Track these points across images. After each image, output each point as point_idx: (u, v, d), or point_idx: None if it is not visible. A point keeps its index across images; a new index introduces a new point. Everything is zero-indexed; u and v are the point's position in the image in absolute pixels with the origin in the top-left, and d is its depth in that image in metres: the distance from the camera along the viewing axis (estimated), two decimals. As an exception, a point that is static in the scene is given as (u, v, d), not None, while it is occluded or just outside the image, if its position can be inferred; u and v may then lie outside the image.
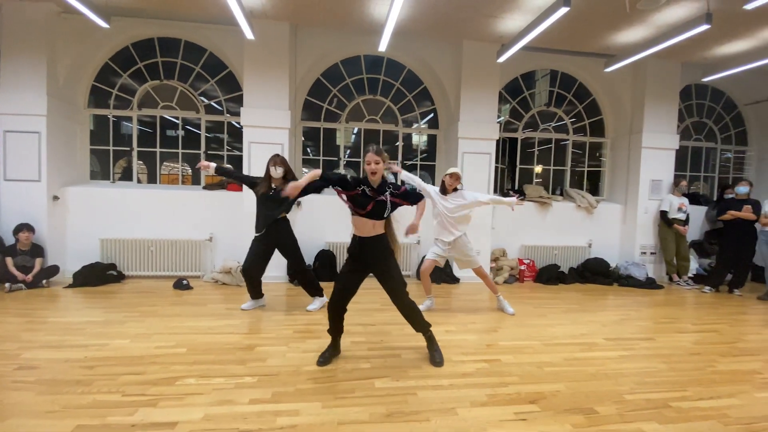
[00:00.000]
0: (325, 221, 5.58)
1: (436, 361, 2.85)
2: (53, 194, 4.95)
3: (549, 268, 5.87)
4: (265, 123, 5.11)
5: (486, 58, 5.45)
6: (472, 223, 5.54)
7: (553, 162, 6.57)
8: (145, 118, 5.89)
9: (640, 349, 3.30)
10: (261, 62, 5.05)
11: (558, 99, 6.47)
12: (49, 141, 4.84)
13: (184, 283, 4.81)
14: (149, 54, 5.51)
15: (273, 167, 3.79)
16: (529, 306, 4.53)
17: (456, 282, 5.51)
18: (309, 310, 4.03)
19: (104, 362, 2.72)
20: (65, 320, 3.56)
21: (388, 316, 3.94)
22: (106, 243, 5.12)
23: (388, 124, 6.15)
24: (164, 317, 3.69)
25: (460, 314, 4.09)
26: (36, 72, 4.75)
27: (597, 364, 2.96)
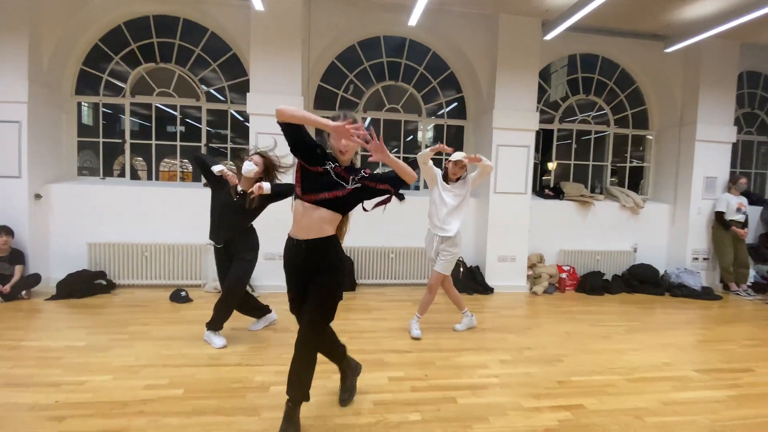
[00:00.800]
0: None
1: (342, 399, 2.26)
2: (35, 192, 4.32)
3: (592, 276, 5.23)
4: (273, 111, 4.44)
5: (526, 36, 4.78)
6: (506, 224, 4.96)
7: (593, 157, 5.91)
8: (141, 111, 5.27)
9: (746, 386, 2.66)
10: (270, 40, 4.40)
11: (598, 87, 5.80)
12: (31, 131, 4.21)
13: (182, 295, 4.19)
14: (143, 34, 4.87)
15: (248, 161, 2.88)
16: (583, 323, 3.89)
17: (490, 292, 4.88)
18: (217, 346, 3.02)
19: (78, 410, 2.10)
20: (41, 344, 2.94)
21: (427, 336, 3.31)
22: (94, 248, 4.50)
23: (410, 114, 5.50)
24: (157, 341, 3.06)
25: (509, 336, 3.46)
26: (16, 53, 4.11)
27: (708, 411, 2.33)
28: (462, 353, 3.03)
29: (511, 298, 4.71)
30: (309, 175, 1.93)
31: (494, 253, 4.98)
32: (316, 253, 1.93)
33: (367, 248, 4.95)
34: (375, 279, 5.01)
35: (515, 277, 5.02)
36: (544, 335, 3.52)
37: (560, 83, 5.84)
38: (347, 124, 1.79)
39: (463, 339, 3.33)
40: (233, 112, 5.14)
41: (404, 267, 5.04)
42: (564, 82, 5.78)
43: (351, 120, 1.85)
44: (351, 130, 1.78)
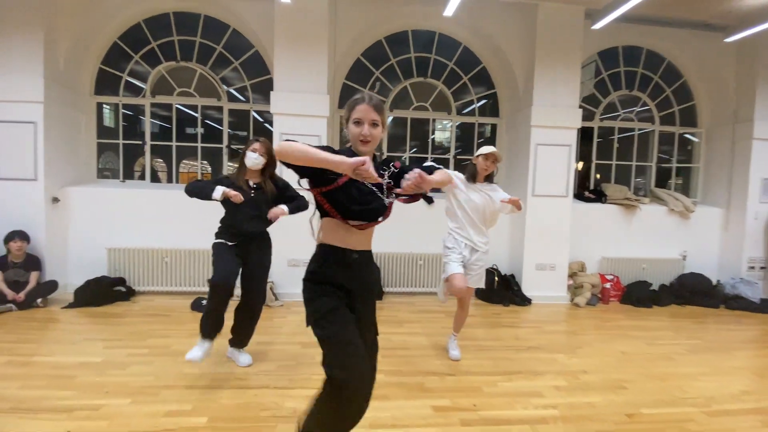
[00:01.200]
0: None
1: None
2: (52, 196, 4.19)
3: (639, 286, 4.82)
4: (299, 110, 4.22)
5: (568, 26, 4.42)
6: (545, 230, 4.60)
7: (636, 156, 5.49)
8: (161, 113, 5.12)
9: None
10: (295, 35, 4.16)
11: (642, 82, 5.38)
12: (48, 132, 4.07)
13: (203, 304, 3.96)
14: (164, 32, 4.70)
15: (251, 152, 2.64)
16: (639, 342, 3.51)
17: (527, 303, 4.53)
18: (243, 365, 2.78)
19: (91, 443, 1.88)
20: (54, 361, 2.75)
21: (467, 356, 3.00)
22: (113, 253, 4.33)
23: (439, 112, 5.20)
24: (178, 357, 2.82)
25: (558, 356, 3.11)
26: (30, 51, 3.97)
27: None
28: (510, 377, 2.71)
29: (551, 311, 4.35)
30: (338, 196, 1.48)
31: (532, 260, 4.63)
32: (361, 266, 1.59)
33: (394, 254, 4.67)
34: (402, 287, 4.72)
35: (555, 287, 4.66)
36: (598, 356, 3.17)
37: (588, 79, 5.41)
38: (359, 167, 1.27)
39: (509, 360, 3.01)
40: (254, 113, 4.93)
41: (434, 274, 4.74)
42: (591, 78, 5.37)
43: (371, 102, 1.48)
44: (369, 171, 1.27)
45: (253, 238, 2.74)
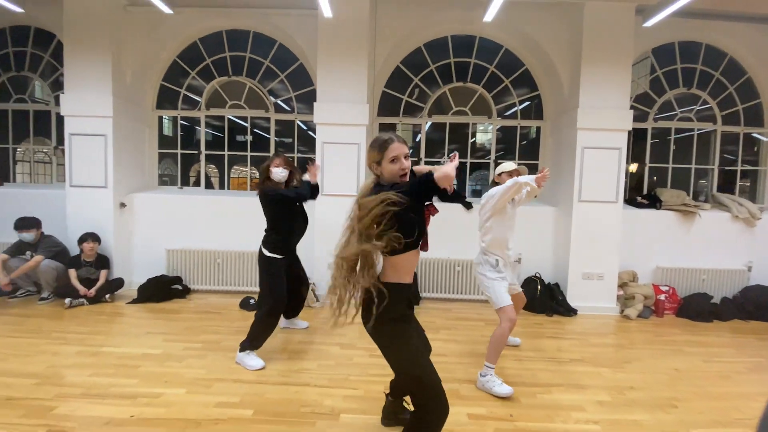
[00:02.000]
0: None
1: None
2: (120, 201, 4.62)
3: (697, 299, 4.48)
4: (340, 120, 4.37)
5: (617, 24, 4.23)
6: (592, 237, 4.40)
7: (695, 159, 5.12)
8: (214, 122, 5.48)
9: None
10: (337, 47, 4.31)
11: (701, 79, 5.03)
12: (116, 144, 4.51)
13: (251, 303, 4.21)
14: (217, 49, 5.05)
15: (276, 168, 2.99)
16: (694, 358, 3.28)
17: (573, 314, 4.35)
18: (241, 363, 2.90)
19: (152, 427, 2.07)
20: (120, 351, 3.04)
21: (505, 364, 2.96)
22: (172, 254, 4.70)
23: (479, 116, 5.15)
24: (228, 353, 3.02)
25: (603, 370, 2.98)
26: (101, 70, 4.42)
27: None
28: (551, 389, 2.64)
29: (598, 322, 4.16)
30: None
31: (578, 269, 4.45)
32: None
33: (432, 260, 4.67)
34: (440, 293, 4.71)
35: (603, 297, 4.45)
36: (648, 372, 3.00)
37: (641, 77, 5.12)
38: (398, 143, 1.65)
39: (550, 372, 2.93)
40: (299, 123, 5.15)
41: (472, 281, 4.68)
42: (646, 75, 5.07)
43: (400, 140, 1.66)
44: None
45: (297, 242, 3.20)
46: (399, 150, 1.62)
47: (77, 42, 4.41)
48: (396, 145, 1.62)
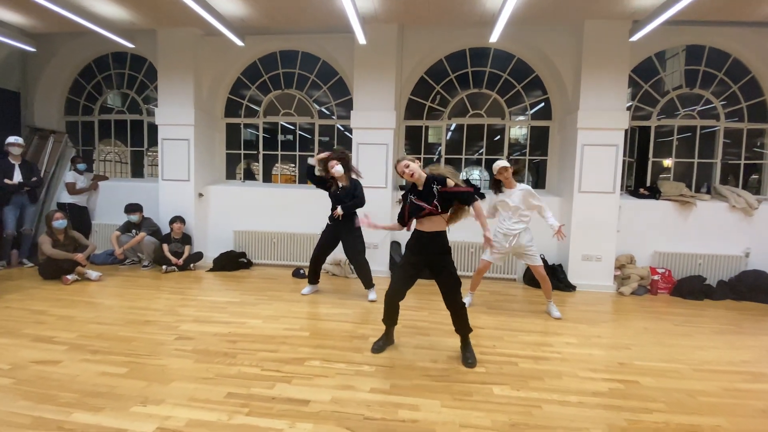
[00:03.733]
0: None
1: (468, 362, 2.76)
2: (199, 192, 5.81)
3: (691, 280, 4.99)
4: (372, 125, 5.30)
5: (613, 38, 4.84)
6: (591, 224, 5.04)
7: (698, 154, 5.57)
8: (265, 126, 6.57)
9: (836, 388, 2.59)
10: (370, 66, 5.24)
11: (705, 79, 5.46)
12: (196, 147, 5.69)
13: (301, 272, 5.24)
14: (272, 66, 6.11)
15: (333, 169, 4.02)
16: (666, 323, 3.91)
17: (572, 289, 5.02)
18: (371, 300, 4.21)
19: (244, 338, 3.09)
20: (210, 299, 4.14)
21: (499, 320, 3.76)
22: (238, 234, 5.85)
23: (493, 118, 5.88)
24: (288, 302, 4.05)
25: (580, 326, 3.70)
26: (186, 88, 5.61)
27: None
28: (530, 334, 3.42)
29: (594, 297, 4.80)
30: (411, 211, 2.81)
31: (578, 252, 5.11)
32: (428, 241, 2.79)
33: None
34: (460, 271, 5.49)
35: (600, 276, 5.08)
36: (620, 328, 3.68)
37: (675, 71, 5.60)
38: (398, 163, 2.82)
39: (533, 324, 3.69)
40: (339, 126, 6.12)
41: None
42: (681, 70, 5.53)
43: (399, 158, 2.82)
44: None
45: (342, 222, 4.11)
46: (400, 168, 2.76)
47: (167, 65, 5.62)
48: (398, 165, 2.77)
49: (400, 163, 2.73)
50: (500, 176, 3.86)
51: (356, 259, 4.22)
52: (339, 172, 4.04)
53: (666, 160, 5.83)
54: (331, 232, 4.22)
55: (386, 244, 5.42)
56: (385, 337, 3.01)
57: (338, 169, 4.03)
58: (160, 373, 2.51)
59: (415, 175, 2.70)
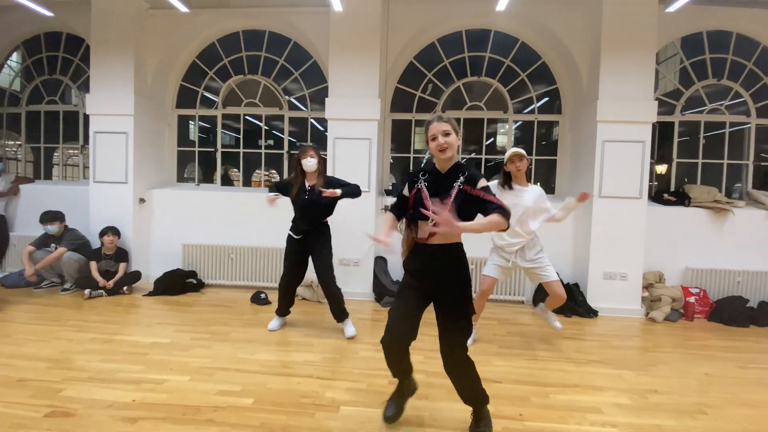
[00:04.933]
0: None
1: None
2: (139, 197, 4.74)
3: (731, 302, 4.18)
4: (352, 115, 4.35)
5: (638, 9, 4.05)
6: (615, 234, 4.19)
7: (727, 155, 4.82)
8: (234, 125, 5.56)
9: None
10: (348, 42, 4.31)
11: (733, 70, 4.74)
12: (137, 142, 4.63)
13: (261, 297, 4.22)
14: (234, 49, 5.14)
15: (305, 159, 3.11)
16: (728, 363, 3.04)
17: (593, 315, 4.14)
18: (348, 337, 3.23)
19: (152, 411, 2.07)
20: (131, 339, 3.08)
21: (519, 364, 2.83)
22: (188, 249, 4.78)
23: (494, 111, 5.03)
24: (235, 344, 3.03)
25: (625, 373, 2.79)
26: (124, 71, 4.56)
27: None
28: (565, 390, 2.49)
29: (621, 324, 3.94)
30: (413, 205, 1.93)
31: (598, 269, 4.24)
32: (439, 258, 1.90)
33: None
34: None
35: (626, 299, 4.22)
36: (675, 376, 2.79)
37: (673, 72, 4.89)
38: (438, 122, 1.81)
39: (565, 372, 2.77)
40: (312, 120, 5.17)
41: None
42: (676, 71, 4.83)
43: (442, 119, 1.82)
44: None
45: (311, 232, 3.17)
46: (435, 129, 1.78)
47: (102, 43, 4.57)
48: (433, 125, 1.79)
49: (435, 125, 1.79)
50: (512, 166, 2.95)
51: (328, 280, 3.23)
52: (311, 166, 3.10)
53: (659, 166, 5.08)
54: (297, 249, 3.25)
55: (369, 259, 4.45)
56: (397, 397, 2.06)
57: (311, 163, 3.09)
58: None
59: (448, 152, 1.77)
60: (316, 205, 3.14)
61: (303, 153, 3.13)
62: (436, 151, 1.79)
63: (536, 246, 3.05)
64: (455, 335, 1.83)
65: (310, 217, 3.18)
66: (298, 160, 3.16)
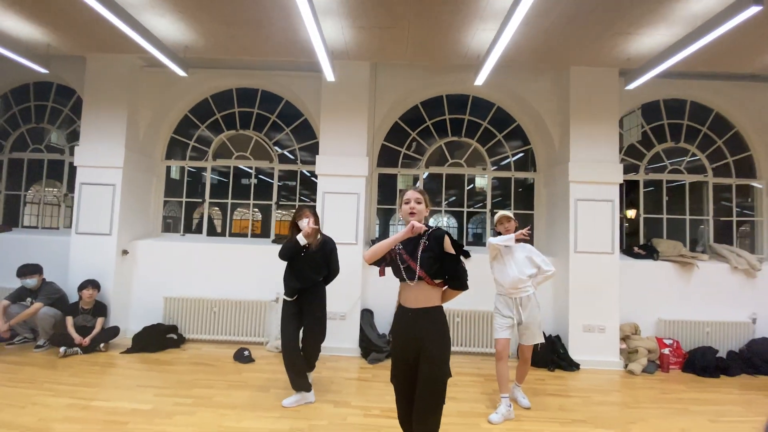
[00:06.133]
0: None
1: None
2: (123, 248, 4.69)
3: (704, 353, 4.37)
4: (341, 171, 4.54)
5: (603, 86, 4.51)
6: (591, 288, 4.38)
7: (689, 210, 5.21)
8: (219, 168, 5.68)
9: None
10: (339, 106, 4.58)
11: (688, 134, 5.23)
12: (124, 193, 4.66)
13: (245, 355, 4.14)
14: (227, 105, 5.35)
15: (301, 221, 3.13)
16: (701, 418, 3.16)
17: (575, 368, 4.24)
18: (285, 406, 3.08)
19: (133, 494, 1.99)
20: (110, 405, 2.97)
21: (507, 429, 2.86)
22: (169, 302, 4.69)
23: (474, 168, 5.33)
24: (218, 410, 2.96)
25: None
26: (116, 125, 4.67)
27: None
28: (552, 453, 2.54)
29: (602, 378, 4.04)
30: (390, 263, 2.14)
31: (578, 321, 4.40)
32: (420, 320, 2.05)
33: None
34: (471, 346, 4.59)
35: (605, 350, 4.35)
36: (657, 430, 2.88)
37: (635, 126, 5.35)
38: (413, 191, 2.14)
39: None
40: (304, 171, 5.34)
41: (473, 333, 4.61)
42: (639, 124, 5.29)
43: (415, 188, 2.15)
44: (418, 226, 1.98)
45: (306, 290, 3.17)
46: (410, 195, 2.11)
47: (96, 98, 4.70)
48: (409, 193, 2.12)
49: (410, 192, 2.10)
50: (501, 227, 3.26)
51: (314, 346, 3.22)
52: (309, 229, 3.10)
53: (630, 211, 5.45)
54: (293, 311, 3.18)
55: (356, 313, 4.48)
56: None
57: (305, 224, 3.10)
58: None
59: (416, 217, 2.06)
60: (311, 262, 3.17)
61: (299, 215, 3.16)
62: (406, 213, 2.08)
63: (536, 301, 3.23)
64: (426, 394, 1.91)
65: (304, 275, 3.16)
66: (293, 221, 3.21)
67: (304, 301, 3.18)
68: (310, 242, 3.17)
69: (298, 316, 3.18)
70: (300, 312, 3.19)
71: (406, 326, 2.01)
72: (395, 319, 2.10)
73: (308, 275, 3.17)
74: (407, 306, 2.03)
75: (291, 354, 3.07)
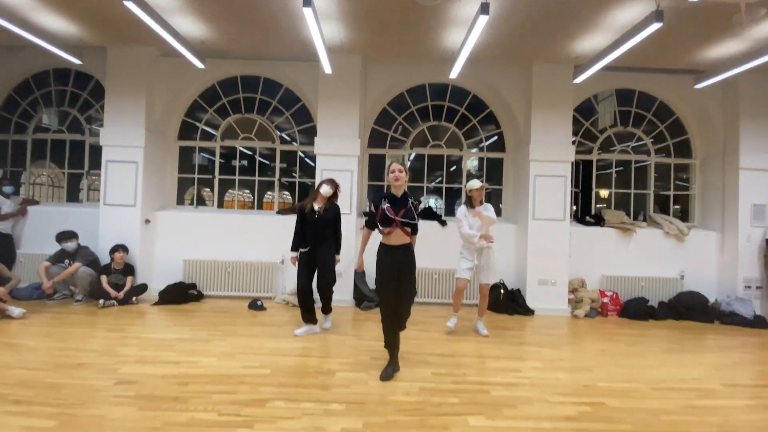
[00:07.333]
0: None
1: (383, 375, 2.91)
2: (145, 218, 5.38)
3: (636, 302, 5.33)
4: (336, 151, 5.28)
5: (559, 79, 5.29)
6: (545, 249, 5.28)
7: (633, 185, 6.10)
8: (224, 151, 6.33)
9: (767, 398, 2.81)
10: (335, 94, 5.29)
11: (636, 119, 6.08)
12: (145, 170, 5.32)
13: (258, 304, 4.94)
14: (232, 90, 5.98)
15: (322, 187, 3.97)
16: (620, 344, 4.09)
17: (530, 314, 5.16)
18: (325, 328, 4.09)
19: (197, 379, 2.79)
20: (156, 336, 3.75)
21: (467, 346, 3.74)
22: (188, 264, 5.44)
23: (452, 149, 6.11)
24: (244, 337, 3.77)
25: (543, 350, 3.77)
26: (136, 108, 5.29)
27: (722, 414, 2.56)
28: (499, 360, 3.42)
29: (551, 320, 4.96)
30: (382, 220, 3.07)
31: (534, 276, 5.30)
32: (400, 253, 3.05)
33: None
34: (421, 298, 5.47)
35: (556, 300, 5.27)
36: (580, 351, 3.80)
37: (609, 111, 6.18)
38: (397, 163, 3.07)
39: (500, 349, 3.71)
40: (301, 153, 6.04)
41: (446, 287, 5.47)
42: (614, 111, 6.11)
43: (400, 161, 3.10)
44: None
45: (318, 245, 3.91)
46: (395, 167, 3.03)
47: (117, 84, 5.30)
48: (394, 165, 3.03)
49: (394, 165, 3.00)
50: (474, 194, 4.02)
51: (327, 288, 4.01)
52: (327, 192, 3.93)
53: (603, 191, 6.34)
54: (307, 260, 3.94)
55: (350, 272, 5.29)
56: (393, 364, 3.00)
57: (326, 189, 3.93)
58: (97, 425, 2.19)
59: (399, 182, 2.99)
60: (323, 222, 3.93)
61: (322, 182, 4.01)
62: (392, 180, 3.00)
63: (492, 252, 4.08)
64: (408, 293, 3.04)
65: (317, 232, 3.91)
66: (317, 186, 4.02)
67: (317, 253, 3.92)
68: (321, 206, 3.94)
69: (311, 265, 3.93)
70: (313, 261, 3.93)
71: (392, 255, 2.99)
72: (381, 253, 3.05)
73: (320, 231, 3.91)
74: (390, 244, 3.00)
75: (303, 294, 3.84)
